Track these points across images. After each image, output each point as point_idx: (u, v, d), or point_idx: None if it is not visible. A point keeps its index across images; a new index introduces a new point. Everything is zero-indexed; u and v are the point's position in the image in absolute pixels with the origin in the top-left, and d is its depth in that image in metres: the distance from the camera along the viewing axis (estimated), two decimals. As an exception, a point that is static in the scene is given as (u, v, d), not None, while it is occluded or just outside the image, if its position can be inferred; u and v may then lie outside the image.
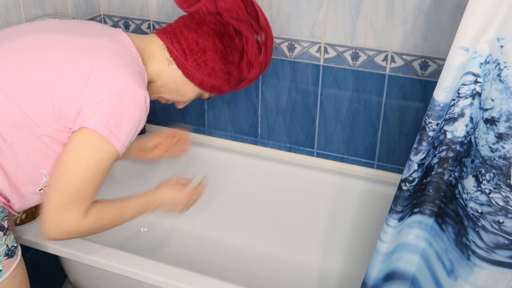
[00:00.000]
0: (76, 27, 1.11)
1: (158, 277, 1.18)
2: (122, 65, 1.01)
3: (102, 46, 1.03)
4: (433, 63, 1.41)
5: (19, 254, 1.08)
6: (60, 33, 1.05)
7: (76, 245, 1.25)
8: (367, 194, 1.58)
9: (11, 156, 0.98)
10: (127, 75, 1.00)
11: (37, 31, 1.05)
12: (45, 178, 1.04)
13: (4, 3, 1.37)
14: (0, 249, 1.01)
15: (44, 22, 1.13)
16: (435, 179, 1.10)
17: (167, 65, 1.14)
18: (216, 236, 1.76)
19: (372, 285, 1.20)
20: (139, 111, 1.02)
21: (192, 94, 1.20)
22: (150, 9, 1.68)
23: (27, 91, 0.97)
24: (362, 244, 1.62)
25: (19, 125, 0.97)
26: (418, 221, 1.15)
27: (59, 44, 1.02)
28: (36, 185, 1.04)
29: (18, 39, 1.03)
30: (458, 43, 0.91)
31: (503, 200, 0.95)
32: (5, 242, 1.03)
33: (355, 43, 1.47)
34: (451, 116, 1.02)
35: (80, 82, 0.97)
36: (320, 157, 1.67)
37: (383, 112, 1.52)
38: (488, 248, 0.99)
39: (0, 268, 1.02)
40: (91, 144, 0.98)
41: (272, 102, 1.65)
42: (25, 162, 1.00)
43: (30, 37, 1.03)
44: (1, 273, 1.02)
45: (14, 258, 1.05)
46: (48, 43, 1.02)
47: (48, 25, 1.10)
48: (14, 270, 1.05)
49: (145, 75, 1.08)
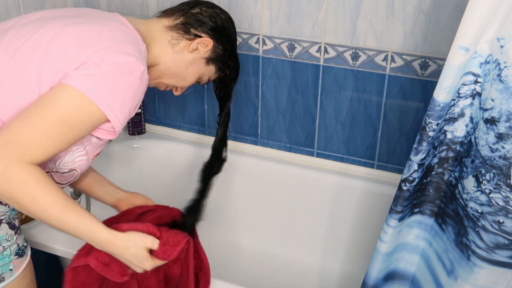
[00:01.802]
0: (72, 13, 1.08)
1: (158, 277, 1.18)
2: (118, 38, 0.97)
3: (100, 25, 1.01)
4: (433, 63, 1.41)
5: (28, 254, 1.07)
6: (59, 18, 1.02)
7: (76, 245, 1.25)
8: (367, 194, 1.58)
9: None
10: (119, 45, 0.96)
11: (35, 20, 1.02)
12: (50, 164, 1.00)
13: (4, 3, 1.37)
14: (11, 248, 1.01)
15: (40, 12, 1.09)
16: (435, 179, 1.10)
17: (170, 47, 1.14)
18: (216, 236, 1.76)
19: (372, 285, 1.20)
20: (133, 83, 0.94)
21: (193, 78, 1.20)
22: (150, 8, 1.68)
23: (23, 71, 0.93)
24: (362, 244, 1.62)
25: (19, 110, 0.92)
26: (418, 221, 1.15)
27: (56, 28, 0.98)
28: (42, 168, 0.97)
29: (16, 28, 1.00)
30: (458, 43, 0.91)
31: (503, 200, 0.95)
32: (16, 241, 1.02)
33: (355, 43, 1.47)
34: (451, 116, 1.02)
35: (72, 52, 0.93)
36: (320, 157, 1.67)
37: (383, 112, 1.52)
38: (488, 248, 0.99)
39: (10, 267, 1.01)
40: (69, 97, 0.90)
41: (272, 102, 1.65)
42: None
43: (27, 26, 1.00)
44: (12, 272, 1.01)
45: (24, 257, 1.05)
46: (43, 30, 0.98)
47: (45, 13, 1.07)
48: (24, 270, 1.05)
49: (145, 52, 1.04)
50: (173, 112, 1.82)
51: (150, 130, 1.88)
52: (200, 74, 1.21)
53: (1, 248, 0.99)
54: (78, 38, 0.96)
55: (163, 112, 1.84)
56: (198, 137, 1.80)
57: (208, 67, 1.21)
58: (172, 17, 1.17)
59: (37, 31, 0.97)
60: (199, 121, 1.79)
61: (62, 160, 1.01)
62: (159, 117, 1.85)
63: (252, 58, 1.61)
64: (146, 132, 1.87)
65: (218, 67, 1.23)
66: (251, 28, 1.57)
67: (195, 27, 1.16)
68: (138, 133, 1.84)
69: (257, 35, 1.58)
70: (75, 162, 1.03)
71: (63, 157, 1.01)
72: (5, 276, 1.00)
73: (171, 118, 1.83)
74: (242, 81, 1.65)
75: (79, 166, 1.05)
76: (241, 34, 1.59)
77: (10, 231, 1.00)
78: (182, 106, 1.80)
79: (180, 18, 1.17)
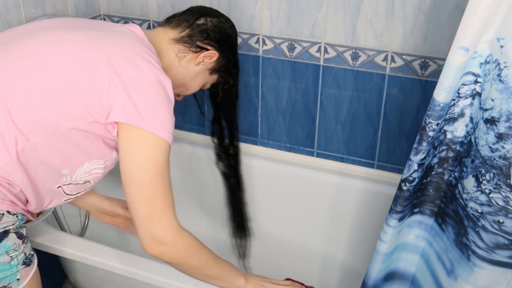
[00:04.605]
0: (89, 24, 1.10)
1: (158, 277, 1.18)
2: (143, 56, 1.00)
3: (118, 40, 1.02)
4: (433, 63, 1.41)
5: (35, 263, 1.06)
6: (76, 29, 1.04)
7: (76, 245, 1.25)
8: (367, 194, 1.58)
9: (34, 155, 0.95)
10: (148, 64, 0.99)
11: (51, 28, 1.05)
12: (65, 178, 1.02)
13: (4, 3, 1.37)
14: (19, 258, 1.00)
15: (52, 20, 1.11)
16: (435, 179, 1.10)
17: (177, 60, 1.17)
18: (215, 236, 1.76)
19: (372, 285, 1.20)
20: (165, 95, 1.01)
21: (197, 87, 1.26)
22: (150, 9, 1.68)
23: (50, 86, 0.95)
24: (362, 244, 1.62)
25: (44, 123, 0.94)
26: (418, 221, 1.15)
27: (77, 39, 1.01)
28: (55, 182, 1.02)
29: (34, 36, 1.02)
30: (458, 43, 0.91)
31: (503, 200, 0.95)
32: (23, 250, 1.01)
33: (355, 43, 1.47)
34: (451, 116, 1.02)
35: (104, 76, 0.95)
36: (320, 157, 1.67)
37: (383, 112, 1.52)
38: (488, 248, 0.99)
39: (18, 277, 1.00)
40: (135, 141, 0.96)
41: (272, 102, 1.65)
42: (47, 161, 0.97)
43: (44, 34, 1.02)
44: (19, 282, 1.00)
45: (31, 267, 1.03)
46: (64, 39, 1.01)
47: (60, 23, 1.09)
48: (31, 279, 1.03)
49: (160, 65, 1.06)
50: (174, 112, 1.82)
51: (150, 130, 1.88)
52: (204, 83, 1.26)
53: (9, 258, 0.98)
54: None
55: (163, 112, 1.84)
56: (198, 137, 1.80)
57: (212, 77, 1.26)
58: (178, 29, 1.19)
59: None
60: (199, 121, 1.79)
61: (79, 171, 1.03)
62: (159, 117, 1.85)
63: (252, 58, 1.61)
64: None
65: (221, 75, 1.27)
66: (251, 28, 1.57)
67: (201, 40, 1.19)
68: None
69: (257, 35, 1.58)
70: (91, 174, 1.05)
71: (81, 166, 1.02)
72: (12, 286, 0.99)
73: (171, 118, 1.84)
74: (242, 81, 1.65)
75: (94, 179, 1.07)
76: (241, 34, 1.59)
77: (18, 241, 0.99)
78: (182, 106, 1.80)
79: (186, 30, 1.18)
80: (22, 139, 0.93)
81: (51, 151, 0.97)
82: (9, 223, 0.97)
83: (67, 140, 0.97)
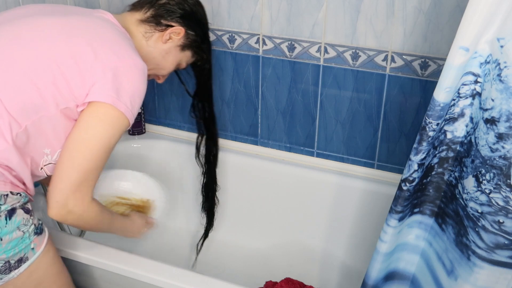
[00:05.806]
0: (64, 10, 1.15)
1: (158, 277, 1.18)
2: (120, 40, 1.08)
3: (96, 25, 1.09)
4: (433, 63, 1.41)
5: (46, 230, 1.10)
6: (58, 15, 1.10)
7: (76, 245, 1.25)
8: (367, 194, 1.58)
9: (25, 140, 1.01)
10: (127, 49, 1.07)
11: (36, 14, 1.09)
12: (46, 157, 1.06)
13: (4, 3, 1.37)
14: (30, 229, 1.03)
15: (35, 6, 1.15)
16: (435, 179, 1.10)
17: (145, 41, 1.21)
18: (215, 236, 1.76)
19: (372, 285, 1.20)
20: (143, 82, 1.08)
21: (171, 66, 1.29)
22: (150, 9, 1.68)
23: (35, 71, 1.00)
24: (362, 244, 1.62)
25: (32, 108, 1.00)
26: (418, 221, 1.15)
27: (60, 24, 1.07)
28: (37, 165, 1.07)
29: (17, 22, 1.06)
30: (458, 43, 0.91)
31: (503, 200, 0.95)
32: (32, 222, 1.05)
33: (355, 43, 1.47)
34: (451, 116, 1.02)
35: (88, 60, 1.02)
36: (320, 157, 1.67)
37: (383, 112, 1.52)
38: (488, 248, 0.99)
39: (32, 247, 1.04)
40: (103, 117, 1.02)
41: (272, 102, 1.65)
42: (36, 143, 1.03)
43: (27, 20, 1.07)
44: (34, 250, 1.04)
45: (43, 234, 1.08)
46: (48, 24, 1.06)
47: (42, 8, 1.13)
48: (46, 245, 1.08)
49: (135, 49, 1.13)
50: (173, 112, 1.82)
51: (150, 130, 1.88)
52: (177, 61, 1.29)
53: (21, 233, 1.02)
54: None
55: (163, 112, 1.84)
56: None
57: (184, 53, 1.29)
58: (142, 10, 1.23)
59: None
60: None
61: (58, 152, 1.07)
62: (159, 117, 1.85)
63: (252, 58, 1.61)
64: (146, 132, 1.87)
65: (194, 51, 1.31)
66: (251, 28, 1.57)
67: (165, 17, 1.22)
68: (138, 133, 1.84)
69: (257, 35, 1.58)
70: None
71: (60, 148, 1.07)
72: (28, 256, 1.04)
73: (171, 118, 1.83)
74: (242, 81, 1.65)
75: None
76: (241, 34, 1.59)
77: (25, 216, 1.03)
78: (182, 106, 1.80)
79: (150, 10, 1.23)
80: (16, 125, 0.98)
81: (39, 133, 1.02)
82: (14, 201, 1.01)
83: (52, 122, 1.03)
